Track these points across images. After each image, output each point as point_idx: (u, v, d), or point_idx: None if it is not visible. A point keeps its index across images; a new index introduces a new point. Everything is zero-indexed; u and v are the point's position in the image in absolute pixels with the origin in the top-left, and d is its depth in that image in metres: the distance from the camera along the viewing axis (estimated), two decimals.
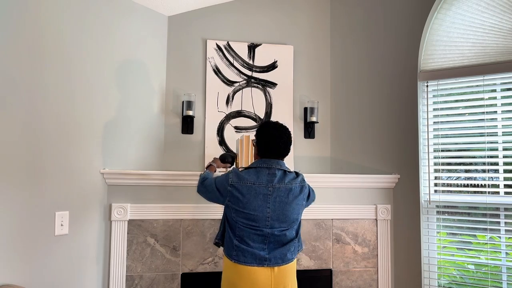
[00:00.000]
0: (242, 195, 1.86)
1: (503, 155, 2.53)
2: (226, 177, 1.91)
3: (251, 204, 1.86)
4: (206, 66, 2.92)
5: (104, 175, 2.38)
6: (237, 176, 1.89)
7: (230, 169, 1.97)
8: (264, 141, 1.94)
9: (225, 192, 1.90)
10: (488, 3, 2.56)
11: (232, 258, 1.89)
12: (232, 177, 1.89)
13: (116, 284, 2.40)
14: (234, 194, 1.87)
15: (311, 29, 3.11)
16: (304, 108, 3.03)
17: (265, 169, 1.91)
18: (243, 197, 1.86)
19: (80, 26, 2.26)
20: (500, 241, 2.50)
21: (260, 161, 1.94)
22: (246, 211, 1.86)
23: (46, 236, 2.07)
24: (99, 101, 2.37)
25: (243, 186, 1.87)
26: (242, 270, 1.87)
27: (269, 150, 1.93)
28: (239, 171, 1.92)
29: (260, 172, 1.90)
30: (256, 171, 1.90)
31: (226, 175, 1.92)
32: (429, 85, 2.75)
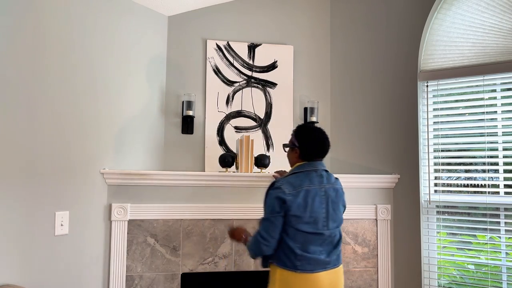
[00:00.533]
0: (303, 200, 1.86)
1: (503, 155, 2.53)
2: (277, 192, 1.87)
3: (310, 207, 1.87)
4: (206, 66, 2.92)
5: (104, 175, 2.38)
6: (290, 184, 1.88)
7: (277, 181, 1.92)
8: (310, 144, 1.96)
9: (283, 206, 1.86)
10: (488, 3, 2.56)
11: (298, 268, 1.85)
12: (286, 187, 1.87)
13: (116, 284, 2.40)
14: (294, 202, 1.85)
15: (311, 29, 3.11)
16: (304, 108, 3.03)
17: (313, 172, 1.94)
18: (303, 201, 1.86)
19: (80, 26, 2.26)
20: (500, 241, 2.50)
21: (306, 164, 1.95)
22: (307, 215, 1.86)
23: (46, 236, 2.07)
24: (99, 101, 2.37)
25: (300, 191, 1.87)
26: (308, 279, 1.85)
27: (314, 153, 1.96)
28: (287, 179, 1.91)
29: (310, 175, 1.92)
30: (306, 174, 1.92)
31: (275, 189, 1.88)
32: (429, 85, 2.75)
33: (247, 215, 2.59)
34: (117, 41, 2.50)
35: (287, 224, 1.87)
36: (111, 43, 2.46)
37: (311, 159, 1.97)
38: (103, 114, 2.40)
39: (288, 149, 2.06)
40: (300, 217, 1.85)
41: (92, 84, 2.33)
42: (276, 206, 1.86)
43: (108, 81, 2.43)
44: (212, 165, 2.82)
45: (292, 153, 2.01)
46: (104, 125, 2.40)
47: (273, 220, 1.87)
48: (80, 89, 2.26)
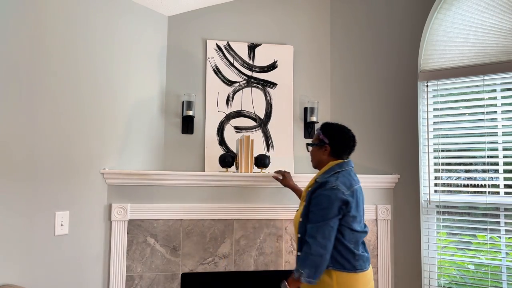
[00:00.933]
0: (356, 199, 1.89)
1: (503, 155, 2.53)
2: (337, 193, 1.82)
3: (358, 206, 1.90)
4: (206, 66, 2.92)
5: (104, 175, 2.38)
6: (343, 184, 1.86)
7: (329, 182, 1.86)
8: (342, 142, 1.98)
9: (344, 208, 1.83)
10: (488, 3, 2.56)
11: (357, 268, 1.84)
12: (343, 188, 1.84)
13: (116, 284, 2.40)
14: (353, 202, 1.86)
15: (311, 29, 3.11)
16: (304, 108, 3.03)
17: (351, 170, 1.98)
18: (356, 201, 1.88)
19: (79, 26, 2.26)
20: (500, 241, 2.50)
21: (345, 163, 1.97)
22: (357, 214, 1.88)
23: (46, 236, 2.07)
24: (98, 101, 2.37)
25: (353, 191, 1.88)
26: (365, 276, 1.88)
27: (346, 151, 1.99)
28: (338, 179, 1.88)
29: (351, 173, 1.96)
30: (348, 173, 1.94)
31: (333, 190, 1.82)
32: (429, 85, 2.75)
33: (247, 215, 2.59)
34: (117, 41, 2.50)
35: (343, 225, 1.84)
36: (111, 43, 2.46)
37: (341, 157, 1.98)
38: (103, 114, 2.40)
39: (314, 147, 2.03)
40: (355, 217, 1.86)
41: (92, 84, 2.33)
42: (335, 208, 1.80)
43: (108, 81, 2.43)
44: (212, 165, 2.82)
45: (321, 151, 2.00)
46: (104, 125, 2.40)
47: (332, 225, 1.80)
48: (80, 89, 2.26)
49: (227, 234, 2.57)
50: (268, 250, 2.60)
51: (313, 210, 1.84)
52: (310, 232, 1.82)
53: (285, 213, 2.62)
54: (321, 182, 1.89)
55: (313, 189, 1.92)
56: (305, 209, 1.91)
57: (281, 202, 2.63)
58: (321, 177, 1.93)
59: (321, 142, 2.00)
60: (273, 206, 2.61)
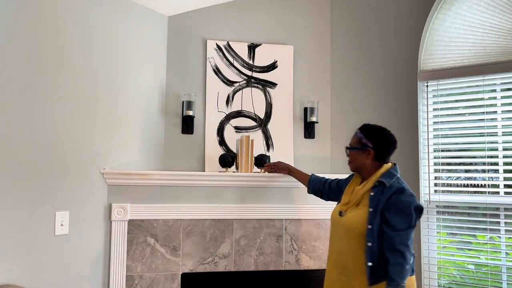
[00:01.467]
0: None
1: (503, 155, 2.53)
2: (415, 200, 1.79)
3: None
4: (206, 66, 2.92)
5: (104, 175, 2.38)
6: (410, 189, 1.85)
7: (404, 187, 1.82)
8: (387, 145, 1.94)
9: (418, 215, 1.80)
10: (488, 3, 2.56)
11: (414, 271, 1.85)
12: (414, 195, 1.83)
13: (116, 284, 2.40)
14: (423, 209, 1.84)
15: (311, 29, 3.11)
16: (304, 108, 3.03)
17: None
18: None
19: (79, 26, 2.26)
20: (500, 241, 2.50)
21: (397, 167, 1.94)
22: None
23: (46, 236, 2.07)
24: (99, 101, 2.37)
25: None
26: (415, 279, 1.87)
27: (390, 154, 1.96)
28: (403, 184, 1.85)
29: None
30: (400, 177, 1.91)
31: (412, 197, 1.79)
32: (429, 85, 2.75)
33: (247, 215, 2.59)
34: (117, 41, 2.50)
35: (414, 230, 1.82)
36: (111, 43, 2.46)
37: (385, 161, 1.94)
38: (103, 114, 2.40)
39: (355, 151, 1.97)
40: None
41: (92, 84, 2.33)
42: (415, 215, 1.76)
43: (108, 81, 2.43)
44: (212, 165, 2.82)
45: (363, 155, 1.94)
46: (104, 125, 2.40)
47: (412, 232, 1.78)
48: (80, 89, 2.26)
49: (227, 234, 2.57)
50: (268, 250, 2.60)
51: (396, 217, 1.75)
52: (400, 240, 1.73)
53: (285, 213, 2.62)
54: (397, 187, 1.81)
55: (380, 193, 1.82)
56: (373, 214, 1.79)
57: (281, 202, 2.63)
58: (386, 181, 1.84)
59: (364, 146, 1.93)
60: (273, 206, 2.61)
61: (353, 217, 1.87)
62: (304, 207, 2.64)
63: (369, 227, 1.78)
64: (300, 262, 2.63)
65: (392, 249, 1.72)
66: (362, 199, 1.88)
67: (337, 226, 1.96)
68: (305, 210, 2.64)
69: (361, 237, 1.81)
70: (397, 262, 1.70)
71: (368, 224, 1.79)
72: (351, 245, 1.86)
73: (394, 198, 1.77)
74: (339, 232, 1.94)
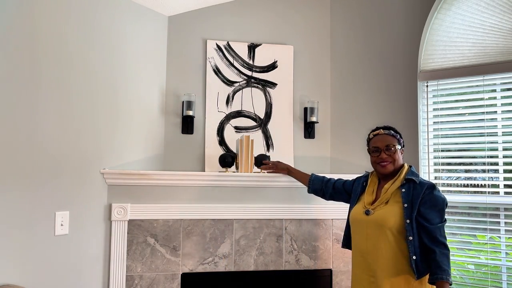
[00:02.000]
0: None
1: (503, 155, 2.53)
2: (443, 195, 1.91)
3: None
4: (206, 66, 2.92)
5: (104, 175, 2.38)
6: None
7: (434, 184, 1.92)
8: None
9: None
10: (488, 3, 2.56)
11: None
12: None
13: (116, 284, 2.40)
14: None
15: (311, 29, 3.11)
16: (304, 108, 3.03)
17: None
18: None
19: (79, 26, 2.26)
20: (500, 241, 2.50)
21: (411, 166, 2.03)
22: None
23: (46, 236, 2.07)
24: (98, 101, 2.37)
25: None
26: None
27: None
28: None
29: None
30: None
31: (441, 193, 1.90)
32: (429, 85, 2.75)
33: (247, 215, 2.59)
34: (117, 41, 2.50)
35: None
36: (111, 43, 2.46)
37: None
38: (103, 114, 2.40)
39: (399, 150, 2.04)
40: None
41: (92, 84, 2.33)
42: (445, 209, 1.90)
43: (108, 81, 2.43)
44: (212, 165, 2.82)
45: (400, 154, 2.03)
46: (104, 125, 2.40)
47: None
48: (80, 89, 2.26)
49: (227, 234, 2.57)
50: (268, 250, 2.60)
51: (430, 211, 1.85)
52: (440, 233, 1.84)
53: (285, 213, 2.62)
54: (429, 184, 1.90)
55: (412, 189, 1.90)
56: (409, 209, 1.85)
57: (281, 202, 2.63)
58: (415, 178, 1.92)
59: (402, 144, 2.06)
60: (273, 206, 2.61)
61: (386, 213, 1.89)
62: (304, 207, 2.64)
63: (407, 221, 1.83)
64: (300, 262, 2.63)
65: (435, 241, 1.81)
66: (391, 197, 1.93)
67: (363, 225, 1.96)
68: (305, 210, 2.64)
69: (397, 232, 1.85)
70: (443, 253, 1.81)
71: (406, 218, 1.84)
72: (382, 243, 1.88)
73: (428, 193, 1.86)
74: (365, 231, 1.94)
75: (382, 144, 2.00)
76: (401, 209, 1.87)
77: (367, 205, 1.98)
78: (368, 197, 2.01)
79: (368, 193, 2.03)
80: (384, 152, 1.98)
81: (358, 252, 1.99)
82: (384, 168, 1.98)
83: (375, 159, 2.01)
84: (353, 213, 2.05)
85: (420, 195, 1.85)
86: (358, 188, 2.13)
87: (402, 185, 1.92)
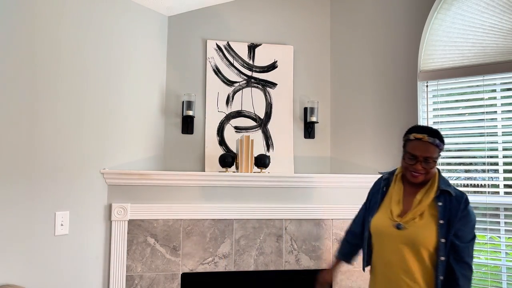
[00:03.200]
0: None
1: (503, 155, 2.53)
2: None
3: None
4: (206, 66, 2.92)
5: (104, 175, 2.38)
6: None
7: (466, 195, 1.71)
8: None
9: None
10: (488, 3, 2.56)
11: None
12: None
13: (116, 284, 2.40)
14: None
15: (311, 29, 3.11)
16: (304, 108, 3.03)
17: None
18: None
19: (78, 26, 2.26)
20: (500, 241, 2.50)
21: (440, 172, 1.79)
22: None
23: (46, 236, 2.07)
24: (98, 101, 2.37)
25: None
26: None
27: None
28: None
29: None
30: None
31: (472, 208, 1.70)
32: (429, 85, 2.75)
33: (247, 215, 2.59)
34: (117, 41, 2.50)
35: None
36: (111, 43, 2.46)
37: None
38: (103, 114, 2.40)
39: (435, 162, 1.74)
40: None
41: (92, 84, 2.33)
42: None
43: (108, 81, 2.43)
44: (212, 165, 2.82)
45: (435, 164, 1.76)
46: (104, 125, 2.40)
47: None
48: (80, 89, 2.26)
49: (227, 234, 2.57)
50: (268, 250, 2.61)
51: (464, 228, 1.66)
52: (468, 252, 1.67)
53: (285, 213, 2.62)
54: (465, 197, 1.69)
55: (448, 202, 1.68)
56: (445, 227, 1.65)
57: (281, 202, 2.63)
58: (451, 190, 1.71)
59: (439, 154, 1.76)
60: (273, 206, 2.61)
61: (422, 232, 1.67)
62: (304, 207, 2.64)
63: (442, 241, 1.65)
64: (300, 262, 2.63)
65: (460, 261, 1.66)
66: (426, 209, 1.71)
67: (393, 239, 1.72)
68: (305, 210, 2.64)
69: (430, 251, 1.67)
70: (465, 275, 1.66)
71: (441, 237, 1.65)
72: (411, 260, 1.69)
73: (463, 209, 1.67)
74: (394, 246, 1.71)
75: (421, 154, 1.70)
76: (436, 225, 1.66)
77: (396, 217, 1.73)
78: (395, 207, 1.76)
79: (394, 202, 1.77)
80: (421, 163, 1.70)
81: (381, 262, 1.78)
82: (415, 178, 1.72)
83: (408, 166, 1.74)
84: (377, 224, 1.79)
85: (458, 213, 1.66)
86: (377, 195, 1.87)
87: (437, 197, 1.70)
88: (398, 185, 1.81)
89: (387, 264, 1.75)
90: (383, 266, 1.77)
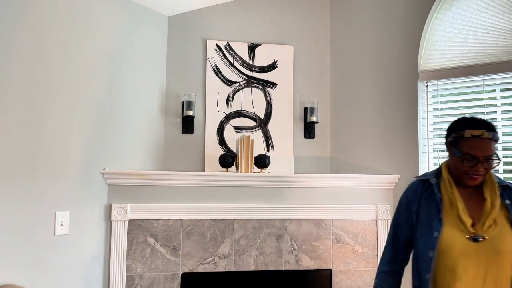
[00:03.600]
0: None
1: (503, 155, 2.53)
2: None
3: None
4: (206, 66, 2.92)
5: (104, 175, 2.38)
6: None
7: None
8: None
9: None
10: (488, 3, 2.56)
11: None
12: None
13: (116, 284, 2.40)
14: None
15: (311, 29, 3.11)
16: (304, 108, 3.03)
17: None
18: None
19: (78, 26, 2.26)
20: None
21: None
22: None
23: (46, 236, 2.07)
24: (99, 101, 2.37)
25: None
26: None
27: None
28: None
29: None
30: None
31: None
32: (429, 85, 2.75)
33: (247, 215, 2.59)
34: (117, 41, 2.50)
35: None
36: (111, 43, 2.46)
37: None
38: (103, 114, 2.40)
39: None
40: None
41: (92, 84, 2.33)
42: None
43: (108, 81, 2.44)
44: (212, 165, 2.82)
45: None
46: (104, 125, 2.40)
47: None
48: (80, 89, 2.26)
49: (227, 234, 2.57)
50: (268, 250, 2.61)
51: None
52: None
53: (285, 213, 2.62)
54: None
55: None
56: None
57: (281, 202, 2.64)
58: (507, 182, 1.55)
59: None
60: (273, 206, 2.62)
61: (502, 235, 1.44)
62: (304, 207, 2.64)
63: None
64: (300, 262, 2.63)
65: None
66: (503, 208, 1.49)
67: (473, 257, 1.43)
68: (305, 210, 2.64)
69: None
70: None
71: None
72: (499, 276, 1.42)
73: None
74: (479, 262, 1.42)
75: (482, 154, 1.44)
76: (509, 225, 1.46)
77: (470, 229, 1.45)
78: (465, 217, 1.46)
79: (462, 211, 1.48)
80: (482, 164, 1.45)
81: None
82: (474, 181, 1.48)
83: (466, 169, 1.46)
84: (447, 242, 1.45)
85: None
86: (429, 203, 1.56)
87: (501, 195, 1.50)
88: (453, 191, 1.52)
89: None
90: None
